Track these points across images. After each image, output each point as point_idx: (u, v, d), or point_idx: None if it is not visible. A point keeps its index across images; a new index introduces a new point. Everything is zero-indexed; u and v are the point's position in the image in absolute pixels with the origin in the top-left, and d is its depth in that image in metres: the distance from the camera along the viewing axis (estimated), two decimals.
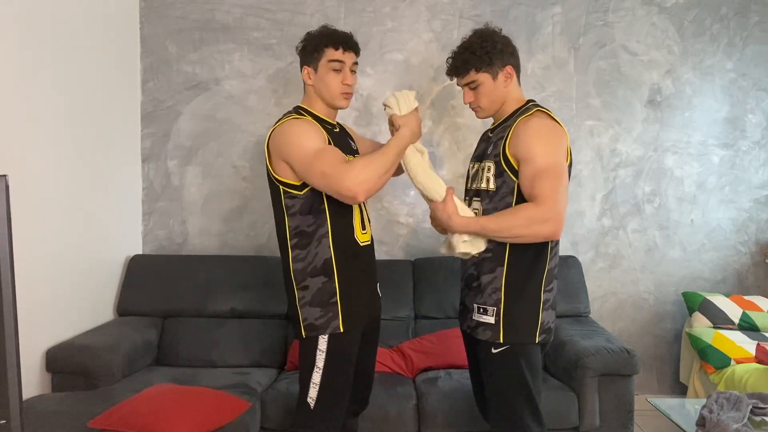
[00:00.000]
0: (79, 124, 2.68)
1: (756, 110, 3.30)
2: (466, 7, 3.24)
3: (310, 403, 1.80)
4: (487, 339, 1.78)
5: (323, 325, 1.79)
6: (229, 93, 3.24)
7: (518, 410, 1.78)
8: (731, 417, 1.86)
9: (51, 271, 2.50)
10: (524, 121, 1.75)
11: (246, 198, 3.27)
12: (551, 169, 1.67)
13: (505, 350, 1.77)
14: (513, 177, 1.73)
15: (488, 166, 1.80)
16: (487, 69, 1.81)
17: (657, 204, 3.31)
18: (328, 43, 1.83)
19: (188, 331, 2.90)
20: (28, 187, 2.32)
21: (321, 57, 1.83)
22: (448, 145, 3.26)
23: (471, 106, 1.89)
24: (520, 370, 1.77)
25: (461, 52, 1.84)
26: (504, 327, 1.76)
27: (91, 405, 2.16)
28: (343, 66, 1.84)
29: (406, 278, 3.08)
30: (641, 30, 3.26)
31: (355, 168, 1.66)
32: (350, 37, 1.87)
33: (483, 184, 1.82)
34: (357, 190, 1.65)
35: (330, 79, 1.83)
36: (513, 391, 1.78)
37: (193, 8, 3.22)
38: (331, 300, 1.80)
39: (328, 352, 1.79)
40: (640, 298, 3.33)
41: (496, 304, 1.77)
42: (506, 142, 1.75)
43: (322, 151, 1.72)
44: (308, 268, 1.81)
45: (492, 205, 1.78)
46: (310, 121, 1.83)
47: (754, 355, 2.75)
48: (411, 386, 2.55)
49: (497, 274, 1.78)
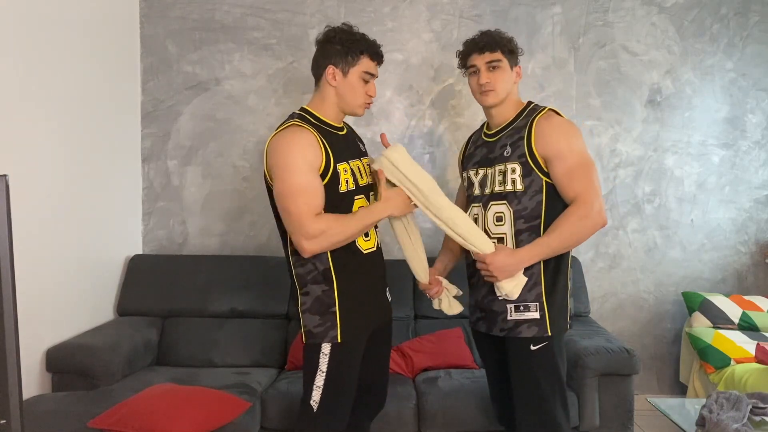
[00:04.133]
0: (79, 124, 2.68)
1: (756, 110, 3.30)
2: (466, 7, 3.24)
3: (313, 405, 1.77)
4: (533, 335, 1.80)
5: (321, 334, 1.76)
6: (229, 93, 3.24)
7: (553, 407, 1.82)
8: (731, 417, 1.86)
9: (51, 271, 2.50)
10: (545, 119, 1.81)
11: (246, 198, 3.27)
12: (582, 163, 1.77)
13: (543, 346, 1.81)
14: (541, 175, 1.79)
15: (512, 168, 1.82)
16: (509, 56, 1.88)
17: (657, 204, 3.31)
18: (366, 52, 1.79)
19: (188, 331, 2.90)
20: (28, 187, 2.33)
21: (355, 64, 1.79)
22: (448, 145, 3.26)
23: (485, 88, 1.86)
24: (555, 362, 1.83)
25: (491, 33, 1.89)
26: (550, 319, 1.81)
27: (91, 405, 2.16)
28: (372, 78, 1.84)
29: (406, 278, 3.05)
30: (641, 30, 3.26)
31: (316, 227, 1.65)
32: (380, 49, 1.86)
33: (508, 186, 1.82)
34: (307, 248, 1.67)
35: (359, 88, 1.80)
36: (548, 387, 1.82)
37: (193, 8, 3.22)
38: (330, 309, 1.77)
39: (332, 356, 1.76)
40: (640, 298, 3.33)
41: (538, 299, 1.81)
42: (531, 142, 1.79)
43: (300, 191, 1.67)
44: (309, 275, 1.78)
45: (522, 206, 1.81)
46: (309, 135, 1.72)
47: (754, 355, 2.74)
48: (411, 386, 2.55)
49: (535, 270, 1.81)
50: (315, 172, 1.70)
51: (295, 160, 1.68)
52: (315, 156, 1.71)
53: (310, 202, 1.67)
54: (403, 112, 3.26)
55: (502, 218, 1.83)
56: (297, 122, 1.76)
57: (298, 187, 1.67)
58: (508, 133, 1.86)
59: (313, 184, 1.69)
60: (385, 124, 3.25)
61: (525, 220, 1.81)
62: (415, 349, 2.78)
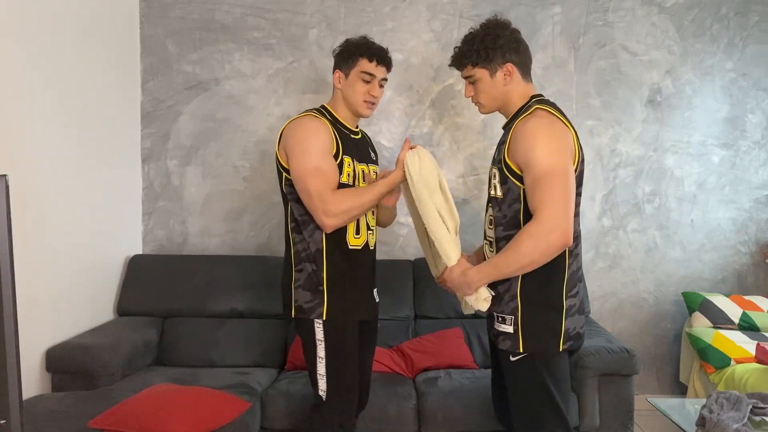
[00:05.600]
0: (79, 123, 2.68)
1: (756, 110, 3.30)
2: (466, 7, 3.24)
3: (322, 395, 1.89)
4: (507, 348, 1.72)
5: (310, 309, 1.88)
6: (229, 93, 3.24)
7: (541, 416, 1.72)
8: (731, 417, 1.86)
9: (51, 271, 2.50)
10: (522, 123, 1.68)
11: (246, 198, 3.27)
12: (549, 174, 1.58)
13: (524, 358, 1.70)
14: (518, 183, 1.68)
15: (494, 173, 1.78)
16: (484, 65, 1.75)
17: (657, 204, 3.31)
18: (364, 54, 1.91)
19: (188, 331, 2.90)
20: (28, 187, 2.32)
21: (354, 65, 1.92)
22: (448, 145, 3.26)
23: (472, 101, 1.87)
24: (542, 378, 1.70)
25: (462, 45, 1.82)
26: (523, 336, 1.69)
27: (91, 405, 2.16)
28: (373, 79, 1.93)
29: (406, 278, 3.08)
30: (641, 30, 3.26)
31: (336, 203, 1.80)
32: (386, 52, 1.96)
33: (492, 191, 1.79)
34: (328, 223, 1.82)
35: (358, 88, 1.92)
36: (535, 399, 1.72)
37: (193, 8, 3.22)
38: (318, 287, 1.89)
39: (327, 339, 1.87)
40: (640, 298, 3.33)
41: (513, 313, 1.71)
42: (506, 147, 1.70)
43: (317, 170, 1.81)
44: (303, 253, 1.91)
45: (501, 213, 1.74)
46: (324, 124, 1.89)
47: (754, 355, 2.75)
48: (411, 386, 2.55)
49: (512, 282, 1.71)
50: (330, 155, 1.86)
51: (313, 143, 1.84)
52: (330, 142, 1.87)
53: (328, 181, 1.82)
54: (403, 112, 3.26)
55: (492, 222, 1.81)
56: (314, 113, 1.93)
57: (317, 167, 1.81)
58: (504, 134, 1.83)
59: (330, 165, 1.85)
60: (385, 124, 3.25)
61: (504, 228, 1.74)
62: (415, 349, 2.78)
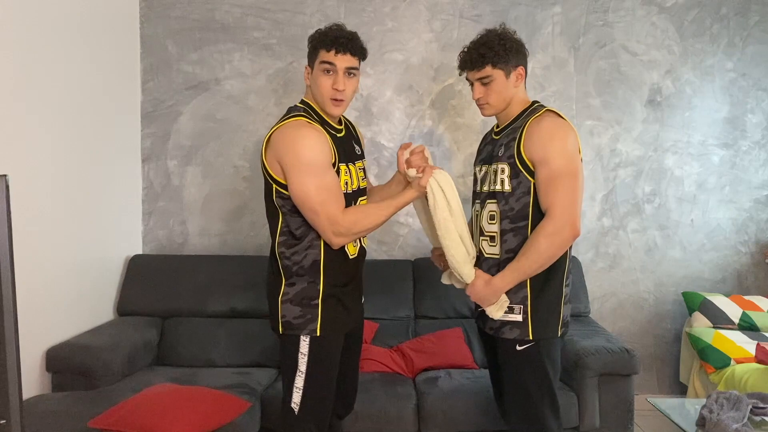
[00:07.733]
0: (79, 124, 2.68)
1: (756, 110, 3.30)
2: (466, 7, 3.24)
3: (294, 408, 1.78)
4: (515, 337, 1.80)
5: (301, 325, 1.77)
6: (229, 93, 3.24)
7: (539, 406, 1.81)
8: (731, 417, 1.86)
9: (51, 271, 2.50)
10: (536, 121, 1.78)
11: (246, 198, 3.27)
12: (564, 172, 1.72)
13: (529, 347, 1.80)
14: (529, 177, 1.77)
15: (501, 168, 1.82)
16: (502, 66, 1.83)
17: (657, 204, 3.31)
18: (321, 44, 1.75)
19: (188, 331, 2.90)
20: (28, 187, 2.33)
21: (316, 57, 1.77)
22: (448, 145, 3.26)
23: (479, 102, 1.89)
24: (543, 365, 1.81)
25: (478, 47, 1.84)
26: (532, 324, 1.79)
27: (91, 405, 2.16)
28: (334, 69, 1.74)
29: (406, 278, 3.08)
30: (641, 30, 3.26)
31: (347, 223, 1.70)
32: (348, 38, 1.74)
33: (497, 186, 1.83)
34: (336, 242, 1.74)
35: (321, 81, 1.75)
36: (535, 387, 1.81)
37: (193, 8, 3.22)
38: (312, 302, 1.78)
39: (311, 354, 1.77)
40: (640, 298, 3.33)
41: (523, 302, 1.80)
42: (520, 143, 1.77)
43: (323, 188, 1.68)
44: (294, 267, 1.79)
45: (509, 206, 1.81)
46: (320, 132, 1.74)
47: (754, 355, 2.75)
48: (411, 386, 2.55)
49: None
50: (332, 168, 1.75)
51: (314, 157, 1.70)
52: (329, 152, 1.74)
53: (336, 199, 1.72)
54: (403, 112, 3.26)
55: (494, 217, 1.85)
56: (304, 117, 1.76)
57: (324, 186, 1.70)
58: (507, 133, 1.87)
59: (334, 180, 1.74)
60: (385, 124, 3.25)
61: (510, 221, 1.81)
62: (415, 349, 2.78)
